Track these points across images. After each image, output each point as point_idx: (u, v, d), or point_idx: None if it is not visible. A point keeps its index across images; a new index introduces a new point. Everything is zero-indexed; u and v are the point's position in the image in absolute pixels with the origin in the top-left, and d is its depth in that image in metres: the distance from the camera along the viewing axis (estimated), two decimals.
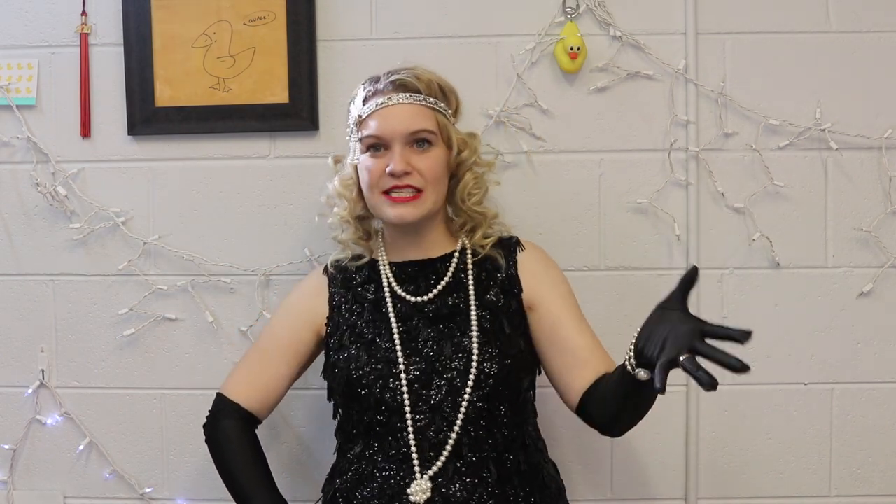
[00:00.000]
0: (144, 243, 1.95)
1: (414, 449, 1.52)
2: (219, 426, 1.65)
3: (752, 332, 1.23)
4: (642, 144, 1.92)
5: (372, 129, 1.57)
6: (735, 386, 1.91)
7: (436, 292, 1.60)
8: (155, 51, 1.91)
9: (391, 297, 1.61)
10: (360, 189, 1.62)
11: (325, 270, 1.69)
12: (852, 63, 1.90)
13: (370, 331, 1.59)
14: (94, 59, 1.94)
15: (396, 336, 1.57)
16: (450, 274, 1.62)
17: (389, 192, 1.56)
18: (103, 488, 1.99)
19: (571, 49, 1.86)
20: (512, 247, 1.66)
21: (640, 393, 1.41)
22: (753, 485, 1.95)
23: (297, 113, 1.91)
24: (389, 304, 1.60)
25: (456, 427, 1.51)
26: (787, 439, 1.94)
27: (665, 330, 1.31)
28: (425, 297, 1.60)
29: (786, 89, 1.90)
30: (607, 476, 1.96)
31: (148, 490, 1.99)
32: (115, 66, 1.93)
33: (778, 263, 1.91)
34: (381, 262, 1.65)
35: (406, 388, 1.53)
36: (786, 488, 1.94)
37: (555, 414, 1.65)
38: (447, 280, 1.61)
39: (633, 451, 1.95)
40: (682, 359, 1.24)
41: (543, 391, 1.65)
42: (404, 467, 1.53)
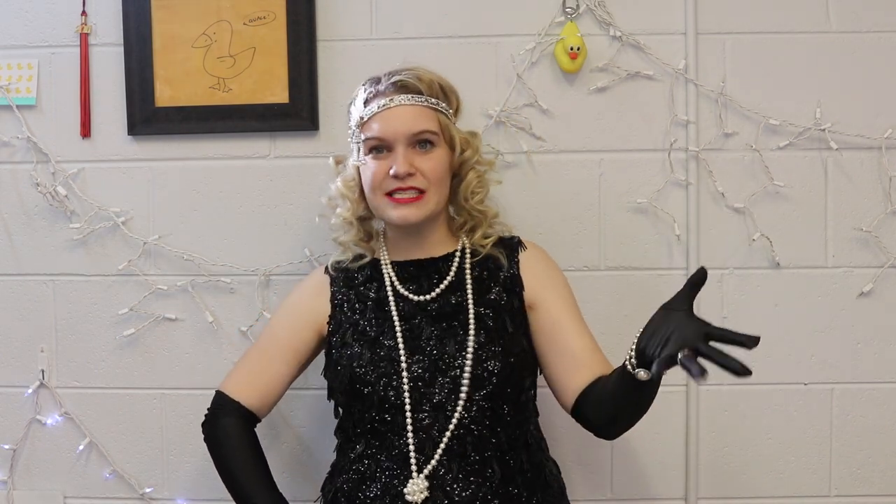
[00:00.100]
0: (144, 243, 1.95)
1: (412, 448, 1.52)
2: (218, 424, 1.64)
3: (760, 338, 1.21)
4: (642, 144, 1.92)
5: (374, 131, 1.56)
6: (735, 386, 1.91)
7: (438, 291, 1.60)
8: (155, 51, 1.91)
9: (393, 296, 1.61)
10: (362, 190, 1.62)
11: (327, 270, 1.69)
12: (852, 63, 1.90)
13: (373, 329, 1.59)
14: (94, 59, 1.94)
15: (399, 334, 1.57)
16: (452, 273, 1.62)
17: (392, 193, 1.56)
18: (103, 488, 1.99)
19: (571, 49, 1.86)
20: (514, 246, 1.66)
21: (639, 394, 1.41)
22: (753, 485, 1.95)
23: (297, 113, 1.91)
24: (392, 303, 1.60)
25: (452, 424, 1.51)
26: (787, 439, 1.94)
27: (668, 330, 1.30)
28: (428, 296, 1.60)
29: (786, 89, 1.90)
30: (607, 476, 1.96)
31: (148, 490, 1.99)
32: (115, 66, 1.93)
33: (778, 263, 1.91)
34: (383, 262, 1.65)
35: (407, 386, 1.53)
36: (786, 488, 1.94)
37: (555, 414, 1.65)
38: (450, 279, 1.61)
39: (633, 451, 1.95)
40: (682, 356, 1.23)
41: (544, 391, 1.65)
42: (406, 466, 1.52)
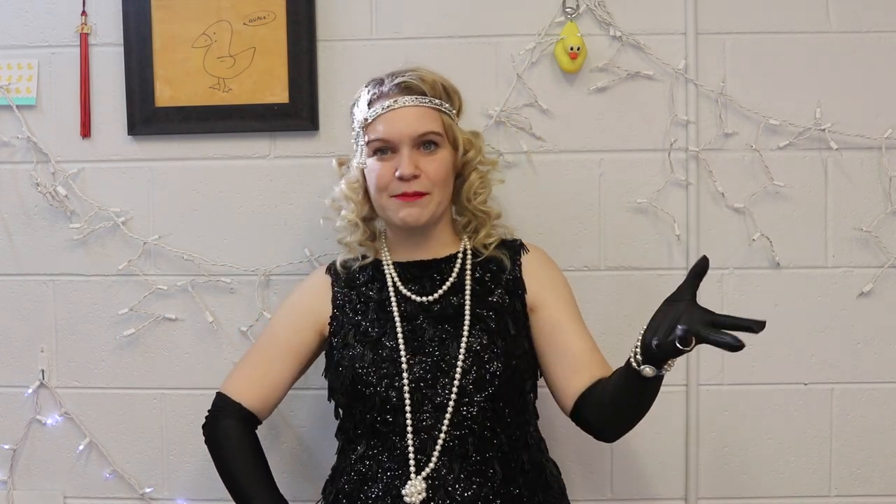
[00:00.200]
0: (144, 243, 1.95)
1: (413, 448, 1.51)
2: (219, 426, 1.64)
3: (766, 322, 1.22)
4: (642, 144, 1.91)
5: (379, 132, 1.56)
6: (735, 386, 1.92)
7: (441, 292, 1.60)
8: (155, 51, 1.91)
9: (396, 297, 1.61)
10: (367, 191, 1.62)
11: (328, 270, 1.69)
12: (852, 63, 1.90)
13: (374, 329, 1.58)
14: (94, 59, 1.94)
15: (400, 335, 1.56)
16: (455, 274, 1.61)
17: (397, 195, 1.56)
18: (103, 488, 1.99)
19: (571, 49, 1.86)
20: (517, 249, 1.66)
21: (641, 393, 1.41)
22: (753, 485, 1.95)
23: (297, 113, 1.91)
24: (394, 304, 1.60)
25: (453, 425, 1.51)
26: (787, 439, 1.94)
27: (675, 318, 1.29)
28: (430, 297, 1.60)
29: (786, 89, 1.90)
30: (607, 476, 1.96)
31: (148, 490, 1.99)
32: (115, 66, 1.93)
33: (778, 263, 1.91)
34: (385, 262, 1.65)
35: (408, 387, 1.53)
36: (786, 488, 1.94)
37: (555, 415, 1.65)
38: (452, 280, 1.61)
39: (633, 451, 1.95)
40: (679, 332, 1.25)
41: (544, 392, 1.65)
42: (407, 466, 1.52)
